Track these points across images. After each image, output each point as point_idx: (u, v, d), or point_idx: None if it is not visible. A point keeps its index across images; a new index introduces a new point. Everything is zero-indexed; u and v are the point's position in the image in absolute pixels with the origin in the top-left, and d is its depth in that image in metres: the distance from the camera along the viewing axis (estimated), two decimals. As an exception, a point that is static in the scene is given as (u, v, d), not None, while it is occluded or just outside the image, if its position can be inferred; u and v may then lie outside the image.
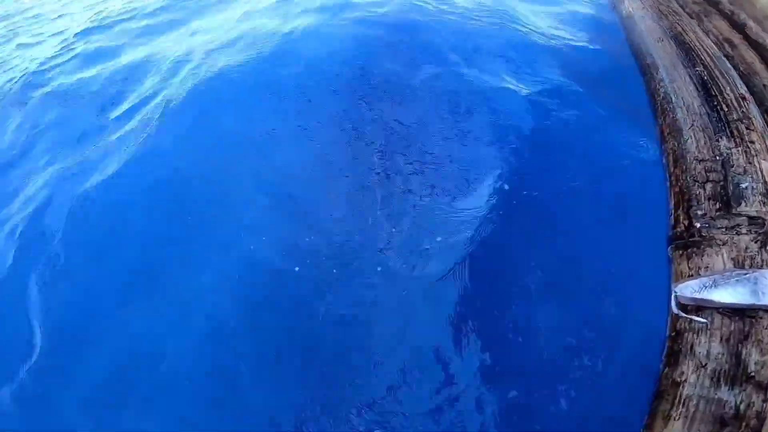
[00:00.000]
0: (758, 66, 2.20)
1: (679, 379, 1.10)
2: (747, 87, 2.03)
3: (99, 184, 2.39)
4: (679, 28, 2.73)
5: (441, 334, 1.59)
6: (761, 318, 1.25)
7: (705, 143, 1.66)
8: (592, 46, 2.80)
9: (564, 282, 1.58)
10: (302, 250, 1.90)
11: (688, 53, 2.39)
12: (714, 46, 2.44)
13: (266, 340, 1.69)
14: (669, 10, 2.76)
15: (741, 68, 2.18)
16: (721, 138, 1.67)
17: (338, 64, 3.06)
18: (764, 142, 1.70)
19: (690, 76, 2.13)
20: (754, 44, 2.38)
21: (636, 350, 1.34)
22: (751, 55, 2.28)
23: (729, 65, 2.20)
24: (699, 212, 1.47)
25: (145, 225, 2.15)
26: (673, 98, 1.96)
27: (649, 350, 1.28)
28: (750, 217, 1.44)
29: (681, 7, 3.03)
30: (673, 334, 1.25)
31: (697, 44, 2.48)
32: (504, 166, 2.07)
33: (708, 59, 2.25)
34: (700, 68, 2.22)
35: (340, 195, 2.15)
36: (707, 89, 2.02)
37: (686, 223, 1.46)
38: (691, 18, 2.82)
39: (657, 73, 2.21)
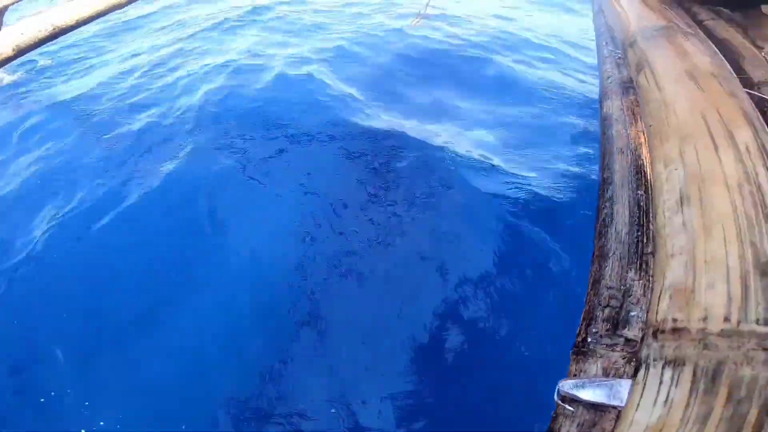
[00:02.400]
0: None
1: (543, 450, 1.80)
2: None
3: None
4: (642, 139, 3.21)
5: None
6: (609, 413, 1.92)
7: (617, 272, 2.29)
8: (561, 149, 3.38)
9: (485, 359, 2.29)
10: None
11: (638, 171, 2.91)
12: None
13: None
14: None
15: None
16: (630, 270, 2.30)
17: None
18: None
19: (630, 199, 2.69)
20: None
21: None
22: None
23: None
24: (594, 330, 2.12)
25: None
26: (610, 222, 2.56)
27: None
28: (627, 339, 2.09)
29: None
30: (554, 415, 1.93)
31: (648, 161, 2.96)
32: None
33: (653, 181, 2.79)
34: (641, 191, 2.76)
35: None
36: (638, 216, 2.60)
37: (584, 335, 2.12)
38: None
39: (607, 191, 2.78)
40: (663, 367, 1.03)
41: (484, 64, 5.33)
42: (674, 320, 1.09)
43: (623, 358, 2.11)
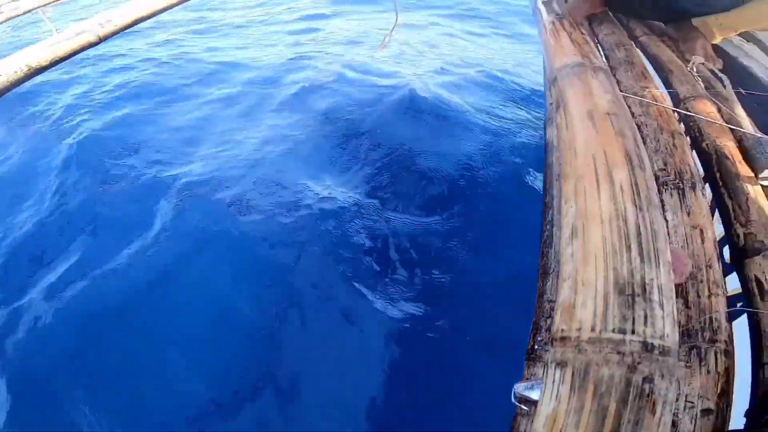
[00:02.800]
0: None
1: (504, 445, 2.15)
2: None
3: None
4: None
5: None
6: (556, 407, 2.29)
7: (555, 287, 2.68)
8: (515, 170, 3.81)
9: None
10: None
11: (573, 194, 3.36)
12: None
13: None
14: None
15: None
16: (566, 282, 2.70)
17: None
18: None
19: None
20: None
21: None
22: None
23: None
24: (539, 338, 2.51)
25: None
26: (550, 243, 2.96)
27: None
28: (566, 343, 2.48)
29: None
30: (514, 415, 2.29)
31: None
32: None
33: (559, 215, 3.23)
34: (576, 211, 3.20)
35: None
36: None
37: (532, 343, 2.50)
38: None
39: (548, 214, 3.20)
40: (555, 368, 1.42)
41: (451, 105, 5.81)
42: (562, 330, 1.48)
43: (564, 360, 2.50)
